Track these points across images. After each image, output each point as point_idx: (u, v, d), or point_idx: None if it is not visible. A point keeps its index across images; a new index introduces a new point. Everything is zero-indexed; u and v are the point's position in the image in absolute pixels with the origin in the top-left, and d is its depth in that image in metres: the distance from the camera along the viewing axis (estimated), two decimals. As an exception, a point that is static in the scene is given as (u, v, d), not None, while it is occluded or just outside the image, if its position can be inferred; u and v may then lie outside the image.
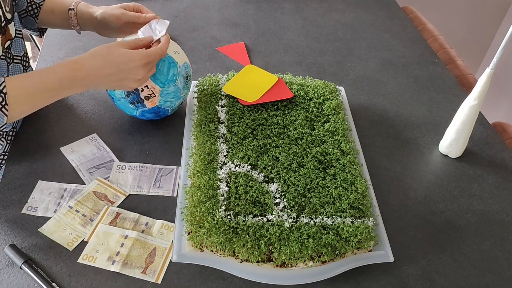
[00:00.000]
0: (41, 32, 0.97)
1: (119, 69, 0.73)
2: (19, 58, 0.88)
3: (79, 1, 0.89)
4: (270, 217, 0.70)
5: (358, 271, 0.70)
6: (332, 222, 0.71)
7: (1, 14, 0.77)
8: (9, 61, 0.83)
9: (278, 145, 0.82)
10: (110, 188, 0.79)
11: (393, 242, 0.74)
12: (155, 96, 0.82)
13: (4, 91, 0.67)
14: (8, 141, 0.86)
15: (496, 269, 0.75)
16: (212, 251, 0.69)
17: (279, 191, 0.74)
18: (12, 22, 0.82)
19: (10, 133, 0.86)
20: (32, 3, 0.90)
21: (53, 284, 0.65)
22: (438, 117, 1.03)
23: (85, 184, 0.80)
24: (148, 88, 0.81)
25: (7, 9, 0.79)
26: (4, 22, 0.79)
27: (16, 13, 0.87)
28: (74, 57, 0.73)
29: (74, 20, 0.88)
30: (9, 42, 0.82)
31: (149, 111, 0.85)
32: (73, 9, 0.88)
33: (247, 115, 0.88)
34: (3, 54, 0.80)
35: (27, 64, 0.91)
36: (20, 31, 0.89)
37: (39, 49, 1.16)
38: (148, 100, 0.83)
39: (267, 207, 0.72)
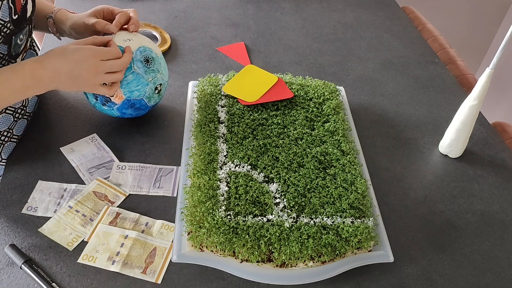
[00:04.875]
0: None
1: (75, 64, 0.73)
2: None
3: (59, 9, 0.89)
4: (270, 217, 0.70)
5: (358, 271, 0.70)
6: (332, 222, 0.71)
7: (26, 41, 0.78)
8: None
9: (278, 145, 0.82)
10: (110, 188, 0.79)
11: (393, 242, 0.74)
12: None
13: None
14: (17, 143, 0.86)
15: (496, 269, 0.75)
16: (212, 251, 0.69)
17: (279, 191, 0.74)
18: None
19: (19, 135, 0.87)
20: None
21: (53, 284, 0.65)
22: (438, 117, 1.03)
23: (85, 184, 0.80)
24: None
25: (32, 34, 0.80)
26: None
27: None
28: (35, 57, 0.75)
29: (53, 28, 0.89)
30: (20, 58, 0.83)
31: (124, 106, 0.84)
32: (52, 17, 0.88)
33: (247, 115, 0.88)
34: None
35: None
36: (33, 44, 0.89)
37: (39, 49, 1.16)
38: (112, 96, 0.82)
39: (267, 207, 0.72)
